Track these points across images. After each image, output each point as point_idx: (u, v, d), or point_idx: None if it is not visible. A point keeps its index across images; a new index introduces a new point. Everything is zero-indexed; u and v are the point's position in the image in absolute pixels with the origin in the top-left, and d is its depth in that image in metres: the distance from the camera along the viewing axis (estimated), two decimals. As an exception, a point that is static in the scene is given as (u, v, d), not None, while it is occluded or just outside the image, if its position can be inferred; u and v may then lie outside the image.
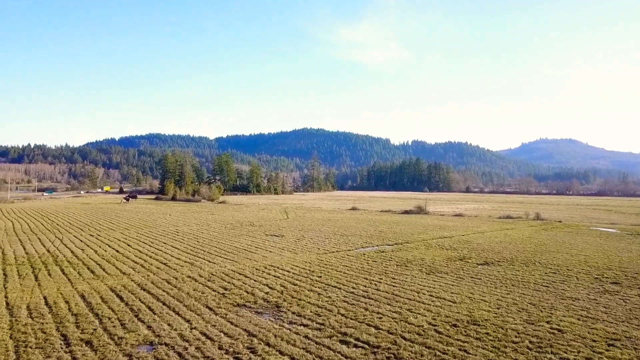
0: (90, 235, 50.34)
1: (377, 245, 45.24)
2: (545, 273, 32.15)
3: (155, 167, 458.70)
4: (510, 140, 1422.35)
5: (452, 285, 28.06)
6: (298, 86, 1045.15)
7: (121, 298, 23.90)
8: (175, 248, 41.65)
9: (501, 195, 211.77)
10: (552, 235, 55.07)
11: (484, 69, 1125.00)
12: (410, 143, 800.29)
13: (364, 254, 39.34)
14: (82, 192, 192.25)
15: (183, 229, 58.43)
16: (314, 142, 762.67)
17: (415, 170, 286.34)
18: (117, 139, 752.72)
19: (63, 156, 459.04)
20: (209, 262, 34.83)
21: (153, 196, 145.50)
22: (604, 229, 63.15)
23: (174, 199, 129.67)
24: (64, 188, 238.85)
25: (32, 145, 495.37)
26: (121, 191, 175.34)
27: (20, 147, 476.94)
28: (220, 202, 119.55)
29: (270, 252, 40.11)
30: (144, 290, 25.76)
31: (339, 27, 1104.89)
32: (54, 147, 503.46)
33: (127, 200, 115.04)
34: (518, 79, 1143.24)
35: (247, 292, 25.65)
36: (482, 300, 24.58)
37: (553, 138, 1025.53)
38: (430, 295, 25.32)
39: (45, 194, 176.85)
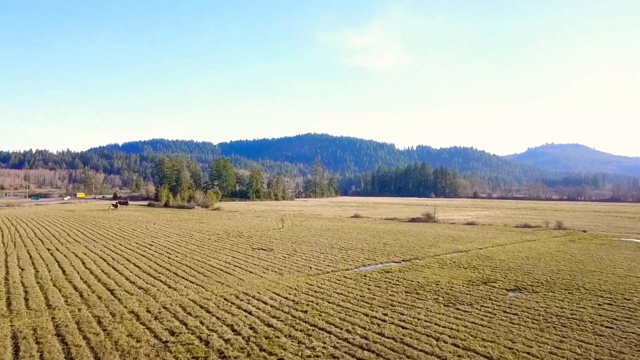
0: (47, 249, 43.39)
1: (382, 263, 38.01)
2: (599, 304, 24.83)
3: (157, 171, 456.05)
4: (516, 145, 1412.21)
5: (482, 325, 20.78)
6: (302, 91, 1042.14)
7: (17, 351, 16.85)
8: (137, 267, 34.60)
9: (510, 201, 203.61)
10: (582, 248, 47.57)
11: (489, 73, 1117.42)
12: (415, 148, 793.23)
13: (365, 276, 32.12)
14: (66, 198, 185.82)
15: (160, 241, 51.43)
16: (317, 147, 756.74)
17: (420, 176, 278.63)
18: (120, 145, 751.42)
19: (64, 162, 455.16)
20: (169, 287, 27.73)
21: (147, 202, 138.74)
22: (638, 240, 55.58)
23: (166, 205, 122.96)
24: (59, 194, 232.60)
25: (34, 151, 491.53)
26: (115, 197, 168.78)
27: (22, 152, 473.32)
28: (215, 209, 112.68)
29: (250, 272, 32.98)
30: (58, 336, 18.67)
31: (344, 32, 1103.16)
32: (55, 153, 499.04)
33: (116, 207, 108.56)
34: (524, 83, 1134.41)
35: (200, 339, 18.52)
36: (528, 354, 17.34)
37: (559, 143, 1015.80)
38: (455, 345, 18.08)
39: (31, 200, 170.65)
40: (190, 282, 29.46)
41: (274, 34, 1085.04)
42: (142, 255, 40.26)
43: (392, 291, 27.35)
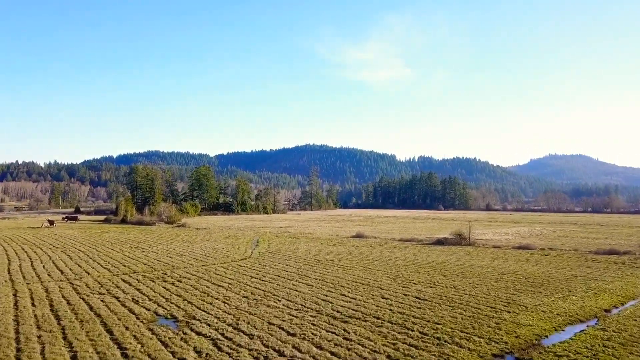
0: None
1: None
2: None
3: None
4: (518, 156, 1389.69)
5: None
6: (301, 103, 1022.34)
7: None
8: None
9: (533, 214, 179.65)
10: None
11: (490, 85, 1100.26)
12: (416, 159, 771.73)
13: None
14: (11, 212, 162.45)
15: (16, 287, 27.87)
16: (316, 158, 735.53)
17: (427, 186, 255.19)
18: (115, 157, 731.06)
19: (49, 174, 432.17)
20: None
21: (104, 217, 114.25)
22: None
23: (124, 221, 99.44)
24: (15, 207, 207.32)
25: (20, 162, 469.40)
26: (77, 211, 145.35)
27: (6, 164, 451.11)
28: (179, 226, 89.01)
29: None
30: None
31: (344, 47, 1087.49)
32: (42, 165, 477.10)
33: (52, 223, 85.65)
34: (525, 94, 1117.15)
35: None
36: None
37: (562, 154, 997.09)
38: None
39: None
40: None
41: (273, 47, 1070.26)
42: None
43: None
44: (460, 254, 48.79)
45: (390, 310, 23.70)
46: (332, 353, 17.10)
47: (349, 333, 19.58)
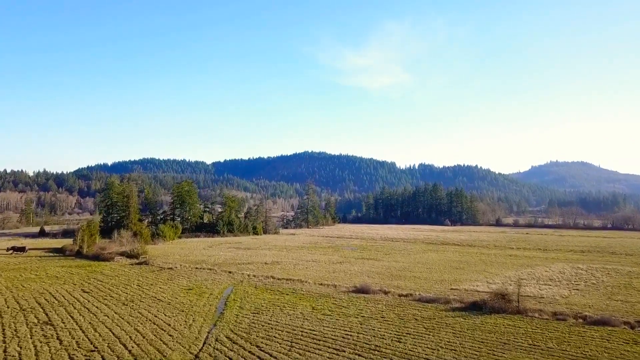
0: None
1: None
2: None
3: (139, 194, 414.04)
4: (519, 163, 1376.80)
5: None
6: (299, 110, 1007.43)
7: None
8: None
9: (551, 232, 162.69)
10: None
11: (489, 91, 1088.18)
12: (417, 166, 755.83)
13: None
14: None
15: None
16: (315, 166, 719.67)
17: (432, 199, 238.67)
18: (109, 165, 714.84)
19: (36, 183, 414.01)
20: None
21: (62, 245, 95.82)
22: None
23: (79, 253, 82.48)
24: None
25: (9, 171, 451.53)
26: (41, 232, 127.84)
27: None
28: (140, 263, 72.15)
29: None
30: None
31: (343, 53, 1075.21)
32: (31, 174, 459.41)
33: (20, 251, 70.31)
34: (525, 100, 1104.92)
35: None
36: None
37: (564, 161, 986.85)
38: None
39: None
40: None
41: (272, 53, 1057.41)
42: None
43: None
44: (518, 342, 32.27)
45: None
46: None
47: None
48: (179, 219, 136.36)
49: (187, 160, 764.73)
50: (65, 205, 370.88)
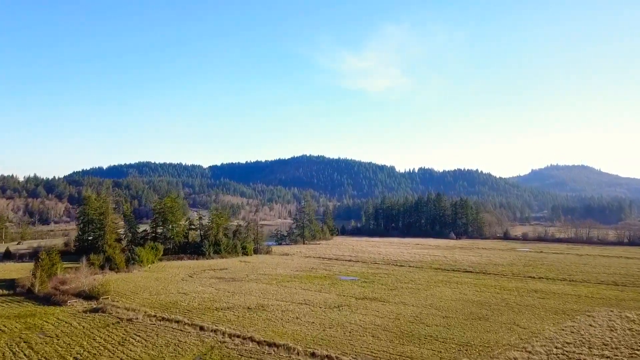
0: None
1: None
2: None
3: (131, 199, 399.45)
4: (519, 167, 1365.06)
5: None
6: (297, 113, 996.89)
7: None
8: None
9: (566, 248, 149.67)
10: None
11: (488, 94, 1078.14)
12: (416, 170, 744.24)
13: None
14: None
15: None
16: (313, 170, 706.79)
17: (435, 209, 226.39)
18: (105, 168, 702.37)
19: (25, 189, 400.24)
20: None
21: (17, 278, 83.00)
22: None
23: (30, 292, 69.84)
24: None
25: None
26: (6, 253, 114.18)
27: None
28: (95, 310, 59.56)
29: None
30: None
31: (342, 55, 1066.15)
32: (21, 179, 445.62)
33: None
34: (524, 103, 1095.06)
35: None
36: None
37: (564, 164, 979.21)
38: None
39: None
40: None
41: (271, 56, 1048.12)
42: None
43: None
44: None
45: None
46: None
47: None
48: (161, 239, 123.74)
49: (184, 164, 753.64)
50: (53, 213, 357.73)
